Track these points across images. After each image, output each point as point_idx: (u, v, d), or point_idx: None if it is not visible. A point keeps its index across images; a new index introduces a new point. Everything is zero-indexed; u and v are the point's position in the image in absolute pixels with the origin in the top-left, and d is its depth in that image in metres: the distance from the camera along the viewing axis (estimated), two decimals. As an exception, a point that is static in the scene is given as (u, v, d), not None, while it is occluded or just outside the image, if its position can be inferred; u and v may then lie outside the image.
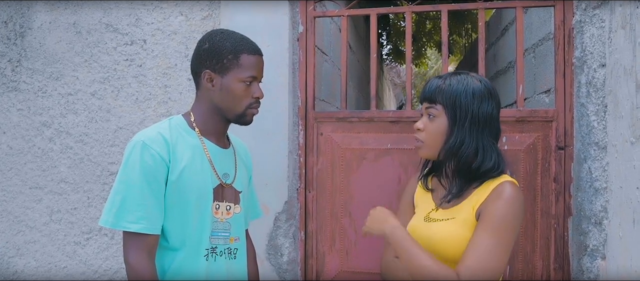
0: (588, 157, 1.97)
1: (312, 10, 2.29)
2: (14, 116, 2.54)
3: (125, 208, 1.41)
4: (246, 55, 1.51)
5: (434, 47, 8.84)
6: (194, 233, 1.49)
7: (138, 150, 1.43)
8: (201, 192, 1.50)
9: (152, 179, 1.43)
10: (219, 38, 1.52)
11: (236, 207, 1.60)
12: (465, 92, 1.48)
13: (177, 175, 1.46)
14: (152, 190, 1.43)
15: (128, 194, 1.42)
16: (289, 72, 2.25)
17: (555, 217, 2.06)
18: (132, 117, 2.42)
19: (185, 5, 2.37)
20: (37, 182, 2.52)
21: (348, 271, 2.25)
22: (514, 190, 1.44)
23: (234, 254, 1.59)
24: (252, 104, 1.54)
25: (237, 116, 1.54)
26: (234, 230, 1.59)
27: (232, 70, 1.49)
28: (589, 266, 1.97)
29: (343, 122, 2.25)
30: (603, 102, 1.94)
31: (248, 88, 1.52)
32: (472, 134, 1.48)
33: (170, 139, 1.48)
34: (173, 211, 1.47)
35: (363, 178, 2.22)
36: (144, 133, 1.49)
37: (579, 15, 2.01)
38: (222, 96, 1.51)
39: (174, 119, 1.56)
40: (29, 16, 2.54)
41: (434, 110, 1.51)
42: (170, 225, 1.47)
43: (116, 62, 2.44)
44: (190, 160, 1.49)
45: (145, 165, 1.42)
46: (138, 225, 1.40)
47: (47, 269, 2.51)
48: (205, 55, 1.51)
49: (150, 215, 1.42)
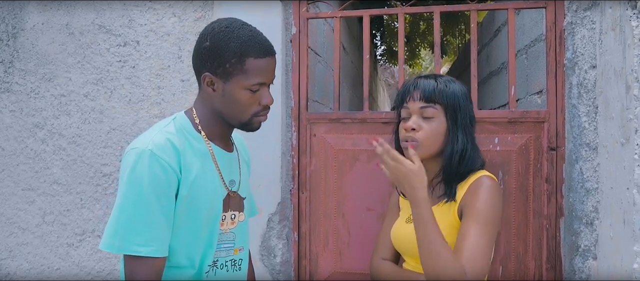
0: (579, 157, 1.98)
1: (305, 11, 2.29)
2: (7, 117, 2.53)
3: (132, 228, 1.22)
4: (253, 59, 1.29)
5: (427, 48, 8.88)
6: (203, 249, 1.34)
7: (146, 161, 1.23)
8: (212, 205, 1.34)
9: (162, 194, 1.24)
10: (222, 36, 1.29)
11: (241, 214, 1.45)
12: (462, 95, 1.52)
13: (188, 187, 1.28)
14: (162, 207, 1.24)
15: (136, 212, 1.23)
16: (282, 73, 2.25)
17: (547, 218, 2.07)
18: (125, 119, 2.42)
19: (178, 7, 2.37)
20: (30, 183, 2.51)
21: (341, 272, 2.25)
22: (492, 182, 1.48)
23: (239, 265, 1.44)
24: (260, 112, 1.35)
25: (241, 124, 1.36)
26: (238, 240, 1.44)
27: (236, 76, 1.29)
28: (580, 267, 1.98)
29: (336, 123, 2.26)
30: (594, 103, 1.95)
31: (254, 95, 1.32)
32: (468, 137, 1.51)
33: (180, 146, 1.29)
34: (181, 229, 1.30)
35: (356, 179, 2.22)
36: (151, 139, 1.28)
37: (570, 17, 2.03)
38: (225, 103, 1.32)
39: (178, 119, 1.37)
40: (21, 17, 2.53)
41: (432, 110, 1.50)
42: (177, 243, 1.30)
43: (109, 64, 2.44)
44: (201, 171, 1.31)
45: (154, 178, 1.23)
46: (148, 248, 1.22)
47: (39, 271, 2.50)
48: (206, 55, 1.30)
49: (161, 235, 1.24)
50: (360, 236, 2.22)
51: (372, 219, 2.20)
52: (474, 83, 2.13)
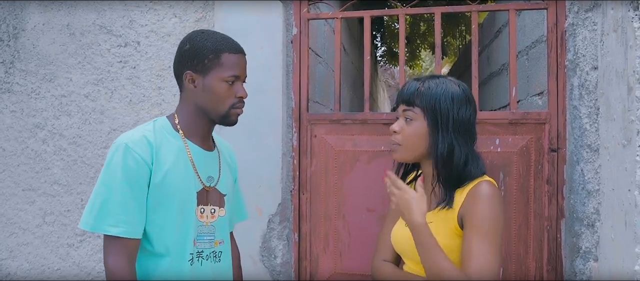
0: (580, 159, 1.98)
1: (305, 12, 2.29)
2: (7, 118, 2.53)
3: (105, 211, 1.40)
4: (227, 54, 1.49)
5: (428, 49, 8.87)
6: (178, 237, 1.48)
7: (120, 153, 1.42)
8: (184, 195, 1.49)
9: (134, 182, 1.41)
10: (199, 38, 1.50)
11: (221, 210, 1.59)
12: (445, 96, 1.49)
13: (160, 178, 1.44)
14: (134, 194, 1.41)
15: (109, 197, 1.40)
16: (283, 74, 2.25)
17: (548, 219, 2.07)
18: (125, 119, 2.42)
19: (179, 7, 2.37)
20: (30, 183, 2.51)
21: (341, 273, 2.25)
22: (491, 188, 1.46)
23: (219, 257, 1.58)
24: (236, 104, 1.52)
25: (221, 116, 1.52)
26: (218, 233, 1.58)
27: (214, 69, 1.47)
28: (581, 268, 1.98)
29: (336, 124, 2.26)
30: (595, 104, 1.95)
31: (231, 87, 1.50)
32: (458, 140, 1.49)
33: (155, 141, 1.46)
34: (156, 215, 1.45)
35: (356, 180, 2.22)
36: (128, 135, 1.47)
37: (572, 18, 2.02)
38: (205, 96, 1.49)
39: (159, 121, 1.55)
40: (22, 17, 2.53)
41: (411, 112, 1.51)
42: (153, 229, 1.45)
43: (110, 64, 2.44)
44: (174, 163, 1.47)
45: (127, 168, 1.41)
46: (118, 229, 1.39)
47: (40, 271, 2.50)
48: (186, 56, 1.49)
49: (131, 218, 1.41)
50: (361, 237, 2.22)
51: (372, 220, 2.20)
52: (475, 84, 2.13)
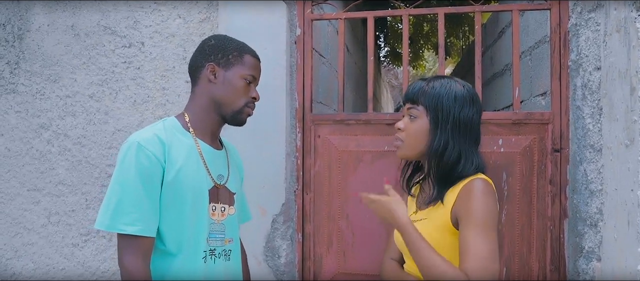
0: (583, 159, 1.98)
1: (309, 13, 2.30)
2: (12, 118, 2.55)
3: (120, 210, 1.40)
4: (249, 56, 1.59)
5: (431, 49, 8.87)
6: (191, 235, 1.48)
7: (133, 151, 1.42)
8: (197, 192, 1.50)
9: (148, 180, 1.42)
10: (224, 38, 1.62)
11: (230, 208, 1.61)
12: (448, 96, 1.51)
13: (172, 176, 1.45)
14: (148, 192, 1.42)
15: (123, 196, 1.40)
16: (287, 74, 2.26)
17: (551, 219, 2.07)
18: (130, 119, 2.43)
19: (183, 8, 2.38)
20: (35, 184, 2.52)
21: (345, 273, 2.26)
22: (484, 184, 1.47)
23: (229, 256, 1.60)
24: (249, 103, 1.59)
25: (233, 112, 1.57)
26: (228, 232, 1.59)
27: (236, 65, 1.55)
28: (584, 268, 1.98)
29: (340, 124, 2.26)
30: (598, 104, 1.95)
31: (248, 87, 1.57)
32: (454, 138, 1.50)
33: (166, 139, 1.48)
34: (169, 213, 1.46)
35: (360, 181, 2.23)
36: (139, 134, 1.48)
37: (575, 19, 2.03)
38: (223, 90, 1.55)
39: (168, 120, 1.57)
40: (27, 18, 2.54)
41: (415, 110, 1.54)
42: (167, 227, 1.46)
43: (114, 65, 2.45)
44: (186, 161, 1.49)
45: (140, 166, 1.41)
46: (134, 227, 1.39)
47: (45, 271, 2.51)
48: (211, 50, 1.57)
49: (146, 217, 1.41)
50: (364, 237, 2.23)
51: (376, 220, 2.19)
52: (478, 84, 2.14)
